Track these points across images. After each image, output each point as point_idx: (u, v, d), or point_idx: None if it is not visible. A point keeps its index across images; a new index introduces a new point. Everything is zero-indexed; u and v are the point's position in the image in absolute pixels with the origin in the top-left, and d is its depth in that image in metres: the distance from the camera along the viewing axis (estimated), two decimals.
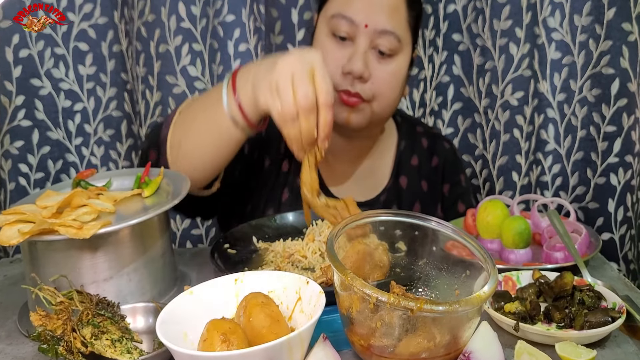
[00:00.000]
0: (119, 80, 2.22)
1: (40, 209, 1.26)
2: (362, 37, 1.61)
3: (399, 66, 1.68)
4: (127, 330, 1.11)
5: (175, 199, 1.30)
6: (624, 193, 2.04)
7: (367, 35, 1.61)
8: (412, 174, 1.87)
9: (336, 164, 1.82)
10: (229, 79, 1.45)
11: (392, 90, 1.68)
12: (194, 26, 2.11)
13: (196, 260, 1.58)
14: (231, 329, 0.98)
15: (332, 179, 1.82)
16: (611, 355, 1.08)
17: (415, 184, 1.86)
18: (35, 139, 2.17)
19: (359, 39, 1.62)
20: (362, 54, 1.61)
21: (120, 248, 1.25)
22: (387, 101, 1.68)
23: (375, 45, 1.63)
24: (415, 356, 0.99)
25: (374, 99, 1.65)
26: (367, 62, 1.62)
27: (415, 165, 1.87)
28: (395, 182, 1.85)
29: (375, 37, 1.62)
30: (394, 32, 1.62)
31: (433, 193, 1.89)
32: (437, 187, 1.90)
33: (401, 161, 1.87)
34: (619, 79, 1.98)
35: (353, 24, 1.61)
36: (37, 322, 1.06)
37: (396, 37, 1.63)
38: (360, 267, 1.20)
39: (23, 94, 2.12)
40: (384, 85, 1.65)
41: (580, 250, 1.41)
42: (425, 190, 1.87)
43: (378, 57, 1.64)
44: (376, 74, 1.64)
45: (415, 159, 1.88)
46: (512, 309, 1.17)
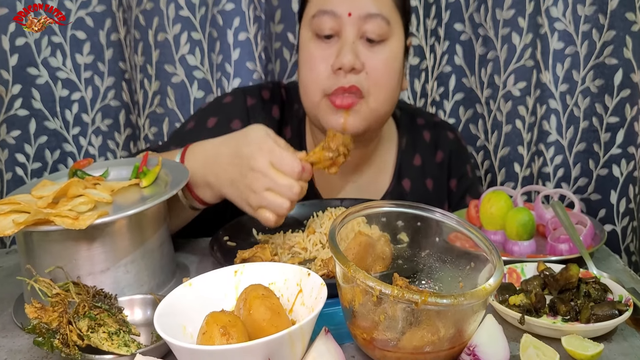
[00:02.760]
0: (117, 69, 2.20)
1: (35, 199, 1.25)
2: (348, 27, 1.55)
3: (393, 52, 1.60)
4: (124, 322, 1.09)
5: (173, 189, 1.28)
6: (627, 184, 2.03)
7: (352, 24, 1.55)
8: (415, 175, 1.82)
9: (334, 178, 1.77)
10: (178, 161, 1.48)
11: (389, 80, 1.60)
12: (193, 14, 2.09)
13: (195, 252, 1.56)
14: (231, 322, 0.96)
15: (330, 191, 1.78)
16: (618, 348, 1.06)
17: (420, 185, 1.82)
18: (32, 128, 2.15)
19: (345, 30, 1.55)
20: (350, 45, 1.55)
21: (117, 239, 1.23)
22: (384, 93, 1.60)
23: (363, 34, 1.56)
24: (419, 350, 0.98)
25: (370, 93, 1.58)
26: (357, 52, 1.55)
27: (418, 165, 1.82)
28: (397, 185, 1.80)
29: (362, 24, 1.55)
30: (380, 13, 1.55)
31: (439, 191, 1.84)
32: (443, 183, 1.85)
33: (403, 162, 1.81)
34: (622, 70, 1.97)
35: (335, 15, 1.55)
36: (33, 314, 1.04)
37: (383, 18, 1.56)
38: (363, 258, 1.18)
39: (20, 83, 2.10)
40: (379, 74, 1.58)
41: (585, 242, 1.40)
42: (430, 189, 1.83)
43: (368, 46, 1.57)
44: (369, 63, 1.57)
45: (418, 158, 1.83)
46: (517, 301, 1.15)
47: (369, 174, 1.80)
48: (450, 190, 1.86)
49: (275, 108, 1.79)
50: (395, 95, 1.65)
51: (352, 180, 1.79)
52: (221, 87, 2.13)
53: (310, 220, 1.52)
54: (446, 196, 1.86)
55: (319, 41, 1.59)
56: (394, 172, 1.81)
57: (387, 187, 1.79)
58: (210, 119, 1.73)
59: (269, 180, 1.33)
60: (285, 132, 1.79)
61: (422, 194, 1.81)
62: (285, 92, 1.82)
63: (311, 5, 1.62)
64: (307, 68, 1.62)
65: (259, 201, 1.36)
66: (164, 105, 2.15)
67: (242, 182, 1.36)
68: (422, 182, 1.82)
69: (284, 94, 1.82)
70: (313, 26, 1.59)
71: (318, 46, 1.59)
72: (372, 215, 1.20)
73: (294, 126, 1.79)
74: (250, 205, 1.38)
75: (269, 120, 1.76)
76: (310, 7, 1.62)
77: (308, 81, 1.61)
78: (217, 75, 2.13)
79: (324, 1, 1.58)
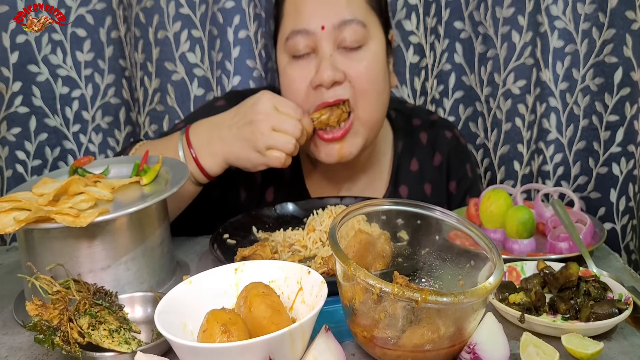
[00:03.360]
0: (117, 67, 2.20)
1: (36, 197, 1.25)
2: (323, 42, 1.53)
3: (374, 55, 1.57)
4: (125, 320, 1.09)
5: (174, 187, 1.28)
6: (626, 183, 2.03)
7: (327, 38, 1.53)
8: (412, 181, 1.79)
9: (328, 186, 1.77)
10: (183, 138, 1.52)
11: (374, 85, 1.58)
12: (193, 12, 2.09)
13: (195, 250, 1.56)
14: (231, 320, 0.97)
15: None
16: (618, 347, 1.06)
17: (417, 191, 1.79)
18: (32, 125, 2.15)
19: (321, 46, 1.53)
20: (327, 60, 1.52)
21: (118, 236, 1.23)
22: (372, 99, 1.58)
23: (340, 43, 1.53)
24: (419, 348, 0.98)
25: (357, 102, 1.56)
26: (336, 64, 1.53)
27: (415, 171, 1.80)
28: (394, 192, 1.78)
29: (337, 34, 1.53)
30: (354, 18, 1.53)
31: (438, 195, 1.82)
32: (442, 187, 1.83)
33: (399, 168, 1.79)
34: (622, 68, 1.96)
35: (309, 33, 1.53)
36: (33, 311, 1.04)
37: (359, 22, 1.53)
38: (363, 256, 1.19)
39: (20, 80, 2.10)
40: (362, 81, 1.55)
41: (585, 240, 1.40)
42: (429, 194, 1.80)
43: (347, 54, 1.54)
44: (350, 72, 1.54)
45: (415, 163, 1.80)
46: (517, 299, 1.15)
47: (365, 181, 1.79)
48: (450, 193, 1.84)
49: None
50: (384, 97, 1.63)
51: (346, 187, 1.78)
52: (221, 84, 2.13)
53: (310, 218, 1.52)
54: (446, 199, 1.84)
55: (295, 62, 1.57)
56: (390, 178, 1.79)
57: (384, 194, 1.78)
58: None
59: (275, 119, 1.44)
60: None
61: (420, 199, 1.76)
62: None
63: (284, 28, 1.60)
64: (288, 92, 1.60)
65: (266, 141, 1.44)
66: (164, 103, 2.15)
67: (248, 129, 1.44)
68: (420, 188, 1.80)
69: None
70: (288, 48, 1.57)
71: (295, 66, 1.58)
72: (372, 213, 1.20)
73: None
74: (258, 150, 1.45)
75: None
76: (283, 30, 1.60)
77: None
78: (217, 73, 2.13)
79: (295, 21, 1.56)
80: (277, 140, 1.45)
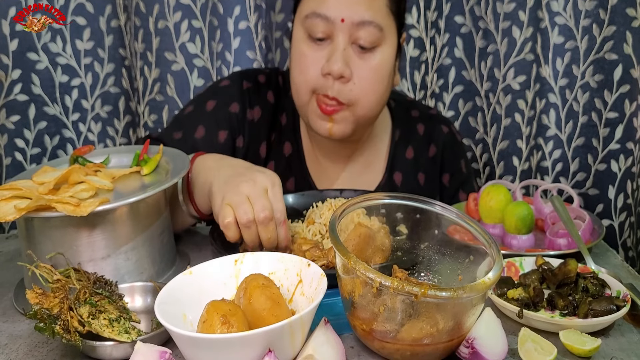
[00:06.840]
0: (117, 56, 2.20)
1: (37, 185, 1.25)
2: (340, 33, 1.53)
3: (384, 59, 1.58)
4: (125, 309, 1.09)
5: (174, 177, 1.29)
6: (625, 180, 2.03)
7: (344, 31, 1.53)
8: (407, 168, 1.81)
9: (327, 164, 1.78)
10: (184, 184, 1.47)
11: (376, 89, 1.59)
12: (193, 2, 2.09)
13: (195, 240, 1.56)
14: (231, 311, 0.97)
15: (323, 179, 1.79)
16: (615, 344, 1.07)
17: (411, 179, 1.81)
18: (31, 113, 2.15)
19: (337, 36, 1.54)
20: (341, 52, 1.53)
21: (118, 226, 1.23)
22: (370, 102, 1.60)
23: (355, 40, 1.54)
24: (417, 342, 0.98)
25: (356, 102, 1.57)
26: (348, 60, 1.54)
27: (410, 159, 1.81)
28: (389, 178, 1.79)
29: (354, 31, 1.53)
30: (373, 21, 1.53)
31: (431, 186, 1.83)
32: (435, 178, 1.84)
33: (395, 155, 1.81)
34: (622, 65, 1.97)
35: (328, 20, 1.53)
36: (34, 300, 1.04)
37: (376, 26, 1.54)
38: (362, 250, 1.19)
39: (19, 68, 2.10)
40: (367, 83, 1.57)
41: (584, 237, 1.40)
42: (422, 183, 1.82)
43: (359, 53, 1.55)
44: (358, 73, 1.55)
45: (410, 151, 1.81)
46: (515, 295, 1.16)
47: (362, 163, 1.80)
48: (443, 185, 1.85)
49: (270, 93, 1.78)
50: (384, 98, 1.64)
51: (344, 169, 1.80)
52: (221, 75, 2.13)
53: (310, 211, 1.52)
54: (438, 191, 1.85)
55: (310, 42, 1.58)
56: (387, 164, 1.80)
57: (380, 180, 1.79)
58: (208, 102, 1.73)
59: (256, 192, 1.31)
60: (280, 119, 1.79)
61: (414, 188, 1.80)
62: (282, 79, 1.82)
63: (306, 3, 1.60)
64: (298, 69, 1.61)
65: (232, 198, 1.32)
66: (164, 93, 2.15)
67: (234, 180, 1.35)
68: (414, 176, 1.82)
69: (280, 80, 1.82)
70: (306, 26, 1.57)
71: (310, 47, 1.58)
72: (372, 206, 1.21)
73: (288, 113, 1.79)
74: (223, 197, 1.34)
75: (264, 103, 1.77)
76: (303, 6, 1.60)
77: (299, 82, 1.60)
78: (217, 64, 2.13)
79: (318, 4, 1.55)
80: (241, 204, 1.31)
